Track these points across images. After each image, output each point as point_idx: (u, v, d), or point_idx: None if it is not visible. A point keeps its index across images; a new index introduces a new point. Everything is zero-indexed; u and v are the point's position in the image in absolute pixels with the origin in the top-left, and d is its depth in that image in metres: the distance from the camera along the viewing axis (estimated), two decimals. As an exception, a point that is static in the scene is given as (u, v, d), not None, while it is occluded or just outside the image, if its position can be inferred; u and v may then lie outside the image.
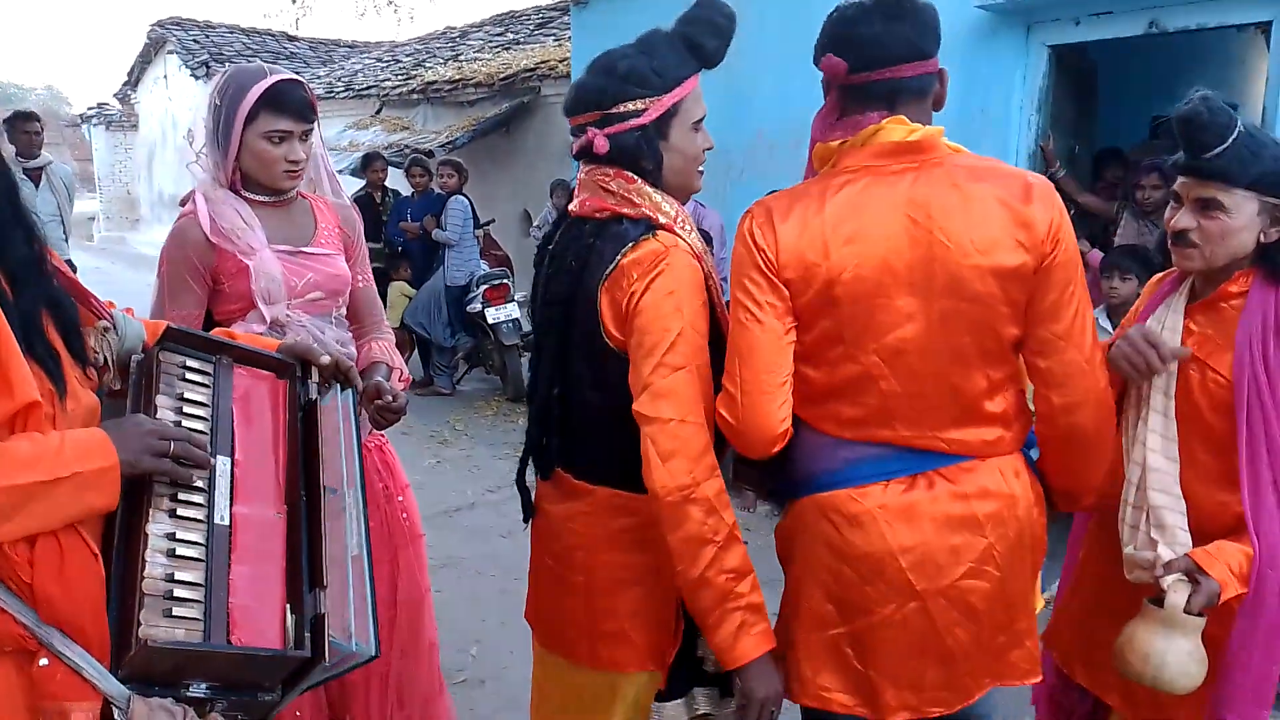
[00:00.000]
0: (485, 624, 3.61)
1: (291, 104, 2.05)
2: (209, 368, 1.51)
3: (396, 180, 8.07)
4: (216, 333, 1.64)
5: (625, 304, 1.62)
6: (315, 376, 1.62)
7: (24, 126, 6.18)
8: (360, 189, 7.68)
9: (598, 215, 1.71)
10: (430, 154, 8.13)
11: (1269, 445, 1.65)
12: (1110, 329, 4.06)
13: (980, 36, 4.85)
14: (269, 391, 1.58)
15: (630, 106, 1.66)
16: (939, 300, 1.52)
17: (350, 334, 2.31)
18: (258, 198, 2.14)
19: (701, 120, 1.77)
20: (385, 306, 3.61)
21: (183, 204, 2.20)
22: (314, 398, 1.60)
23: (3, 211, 1.28)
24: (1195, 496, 1.70)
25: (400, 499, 2.42)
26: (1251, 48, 6.11)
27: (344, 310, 2.29)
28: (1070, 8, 4.52)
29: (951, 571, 1.56)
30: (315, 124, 2.13)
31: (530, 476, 1.93)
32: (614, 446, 1.70)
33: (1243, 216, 1.70)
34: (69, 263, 6.28)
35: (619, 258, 1.64)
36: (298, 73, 2.28)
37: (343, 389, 1.66)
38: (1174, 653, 1.56)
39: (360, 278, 2.34)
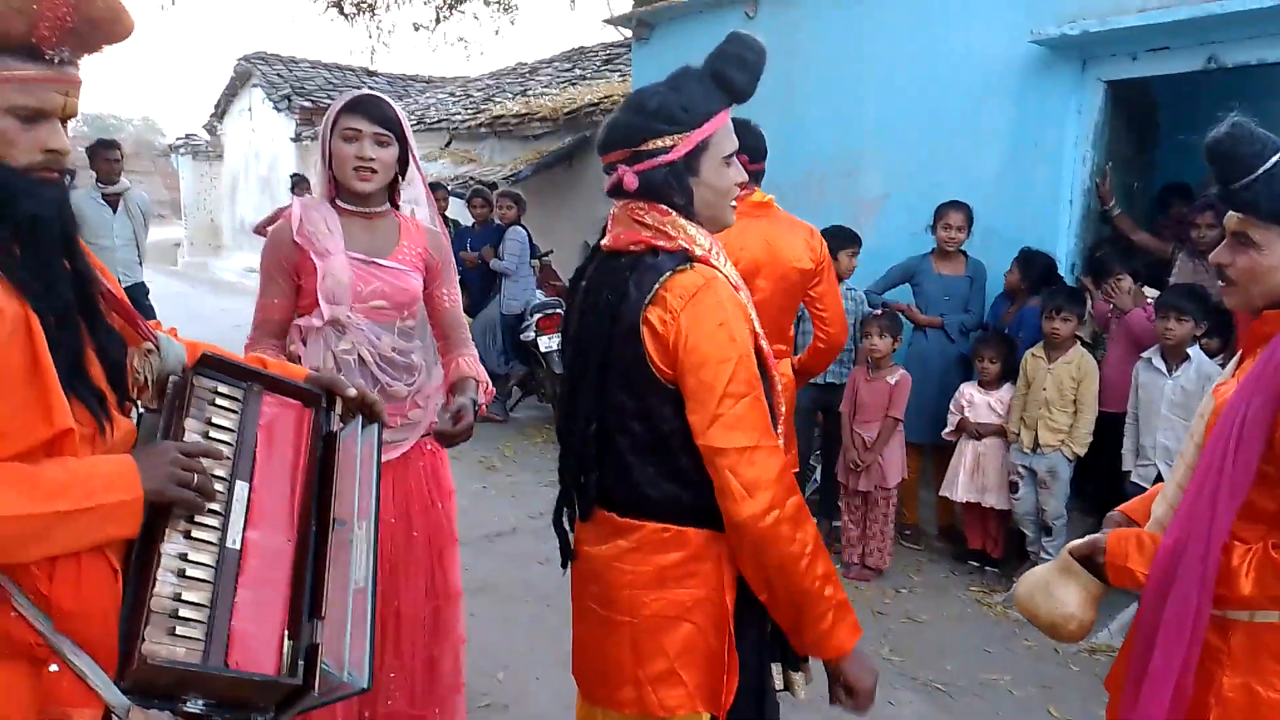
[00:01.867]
0: (515, 649, 3.63)
1: (364, 108, 2.29)
2: (239, 394, 1.57)
3: (458, 211, 8.24)
4: (249, 359, 1.69)
5: (671, 336, 1.63)
6: (339, 408, 1.66)
7: (105, 154, 6.49)
8: (422, 218, 7.85)
9: (633, 248, 1.72)
10: (493, 186, 8.29)
11: (1219, 479, 1.59)
12: (1165, 370, 3.94)
13: (1035, 71, 4.80)
14: (294, 420, 1.62)
15: (659, 143, 1.68)
16: (776, 282, 3.33)
17: (411, 344, 2.46)
18: (349, 208, 2.38)
19: (733, 154, 1.77)
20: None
21: (257, 230, 2.45)
22: (335, 429, 1.64)
23: (54, 259, 1.33)
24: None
25: (442, 505, 2.58)
26: (1326, 84, 5.92)
27: (411, 323, 2.45)
28: (1127, 43, 4.45)
29: None
30: (398, 136, 2.34)
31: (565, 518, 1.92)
32: (660, 478, 1.71)
33: (1274, 254, 1.60)
34: (140, 285, 6.58)
35: (657, 288, 1.65)
36: None
37: (368, 422, 1.70)
38: (1046, 583, 1.78)
39: (446, 298, 2.54)
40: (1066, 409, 4.21)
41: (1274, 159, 1.56)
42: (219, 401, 1.53)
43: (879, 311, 4.67)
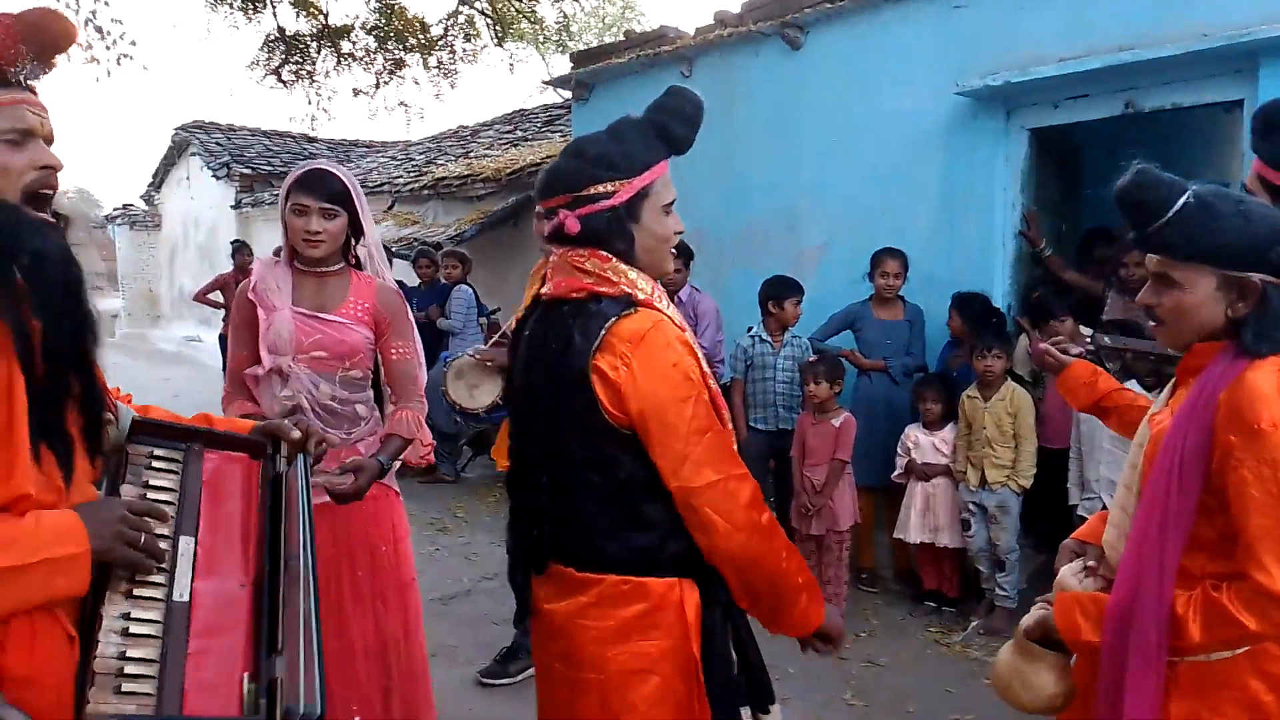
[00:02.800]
0: (472, 712, 3.56)
1: (311, 184, 2.49)
2: (178, 454, 1.59)
3: (403, 273, 8.22)
4: (196, 419, 1.71)
5: (624, 382, 1.63)
6: (285, 450, 1.70)
7: (40, 226, 6.36)
8: (367, 281, 7.82)
9: (574, 295, 1.72)
10: (438, 247, 8.29)
11: (1164, 517, 1.61)
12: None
13: (962, 122, 4.97)
14: (241, 472, 1.65)
15: (600, 189, 1.70)
16: None
17: (356, 394, 2.61)
18: (303, 268, 2.58)
19: (672, 204, 1.80)
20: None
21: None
22: (281, 470, 1.66)
23: (61, 302, 1.33)
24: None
25: (389, 548, 2.65)
26: (1236, 125, 6.21)
27: (356, 374, 2.60)
28: (1048, 92, 4.64)
29: None
30: (346, 206, 2.53)
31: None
32: (619, 526, 1.70)
33: (1198, 292, 1.63)
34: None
35: (603, 334, 1.65)
36: None
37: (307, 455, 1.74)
38: (1020, 673, 1.78)
39: (395, 351, 2.66)
40: (1008, 444, 4.29)
41: (1181, 201, 1.60)
42: (155, 464, 1.55)
43: (813, 359, 4.72)
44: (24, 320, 1.28)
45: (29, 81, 1.38)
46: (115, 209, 19.80)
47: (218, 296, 9.56)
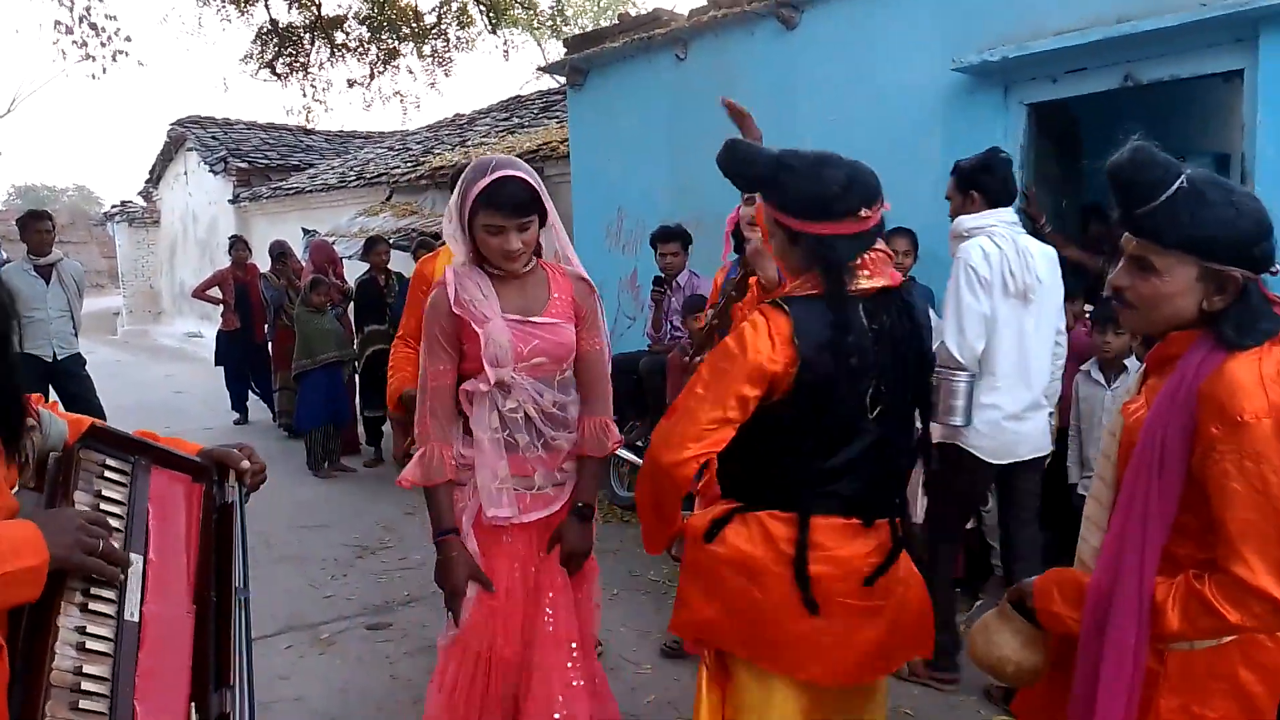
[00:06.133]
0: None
1: (504, 201, 2.24)
2: (127, 467, 1.56)
3: (402, 263, 8.20)
4: (138, 434, 1.69)
5: None
6: (232, 480, 1.70)
7: (36, 225, 6.35)
8: (364, 272, 7.81)
9: (898, 284, 2.08)
10: (436, 236, 8.25)
11: (1145, 509, 1.60)
12: (1104, 382, 4.03)
13: (960, 98, 4.92)
14: (184, 493, 1.64)
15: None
16: None
17: (570, 396, 2.49)
18: (497, 271, 2.38)
19: None
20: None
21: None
22: (229, 500, 1.66)
23: None
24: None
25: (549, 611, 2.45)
26: (1237, 96, 6.16)
27: (568, 373, 2.48)
28: (1046, 65, 4.59)
29: None
30: (538, 212, 2.32)
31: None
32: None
33: (1177, 281, 1.58)
34: (76, 355, 6.43)
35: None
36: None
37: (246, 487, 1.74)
38: (986, 629, 1.85)
39: (588, 344, 2.50)
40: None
41: (1175, 185, 1.54)
42: (108, 474, 1.52)
43: None
44: None
45: None
46: (114, 206, 19.82)
47: (216, 293, 9.54)
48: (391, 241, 8.39)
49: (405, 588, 4.89)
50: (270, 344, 9.04)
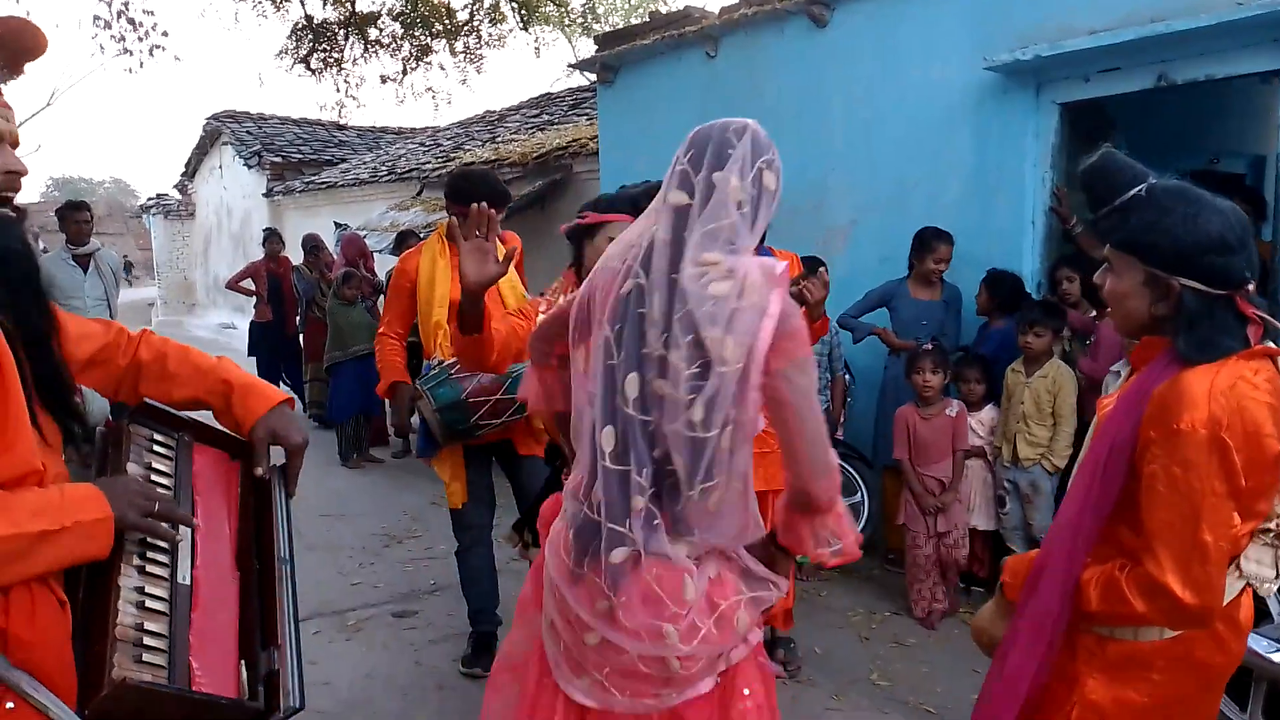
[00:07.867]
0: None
1: None
2: (173, 442, 1.64)
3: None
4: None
5: None
6: (270, 458, 1.73)
7: (74, 216, 6.48)
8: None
9: None
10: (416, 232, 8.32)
11: (1085, 498, 1.71)
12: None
13: (991, 97, 4.90)
14: (224, 468, 1.71)
15: None
16: None
17: None
18: None
19: None
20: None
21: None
22: (267, 476, 1.71)
23: (25, 290, 1.42)
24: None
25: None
26: (1273, 96, 6.08)
27: None
28: (1079, 65, 4.56)
29: None
30: None
31: None
32: None
33: (1126, 282, 1.69)
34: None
35: None
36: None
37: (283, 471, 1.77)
38: (989, 616, 1.96)
39: None
40: (1044, 422, 4.26)
41: (1133, 191, 1.64)
42: (156, 448, 1.60)
43: (929, 346, 4.49)
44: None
45: None
46: (150, 199, 20.08)
47: (250, 285, 9.66)
48: (422, 236, 8.46)
49: (431, 576, 4.95)
50: (301, 336, 9.15)
